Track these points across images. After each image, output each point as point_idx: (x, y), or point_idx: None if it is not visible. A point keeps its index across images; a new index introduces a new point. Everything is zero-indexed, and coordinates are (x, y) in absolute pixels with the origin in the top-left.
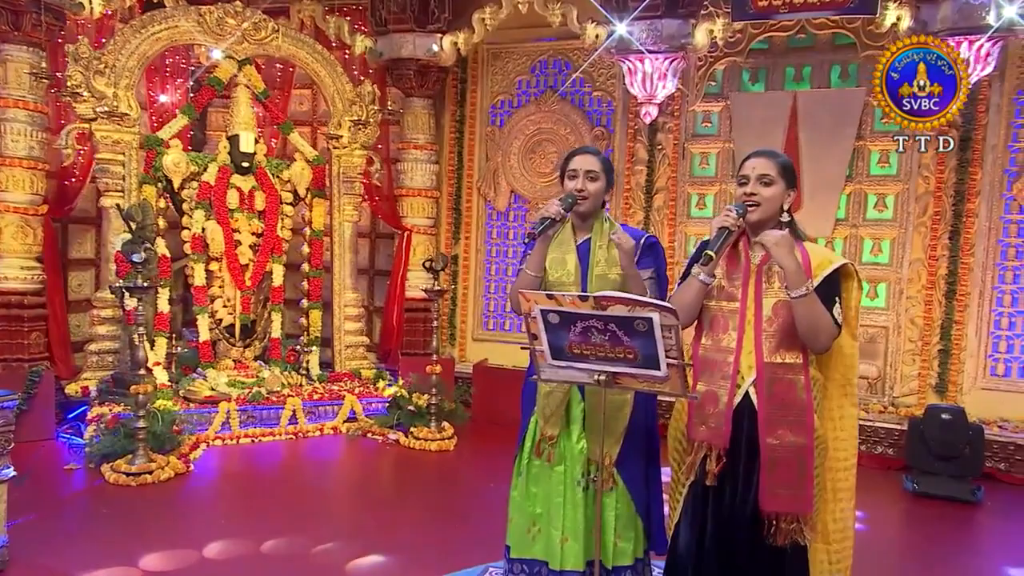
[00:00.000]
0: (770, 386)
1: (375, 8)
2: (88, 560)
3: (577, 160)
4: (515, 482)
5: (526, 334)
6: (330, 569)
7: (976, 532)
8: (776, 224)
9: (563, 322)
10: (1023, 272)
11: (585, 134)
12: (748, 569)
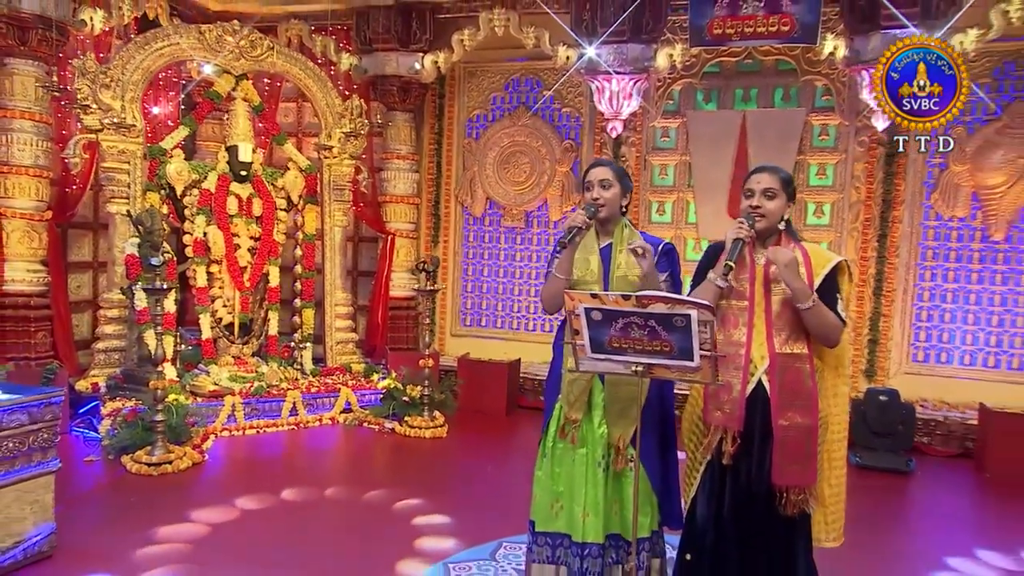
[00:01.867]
0: (782, 374)
1: (360, 28)
2: (131, 542)
3: (592, 172)
4: (540, 463)
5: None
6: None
7: (911, 497)
8: (781, 228)
9: (605, 319)
10: (939, 271)
11: (555, 147)
12: (762, 536)
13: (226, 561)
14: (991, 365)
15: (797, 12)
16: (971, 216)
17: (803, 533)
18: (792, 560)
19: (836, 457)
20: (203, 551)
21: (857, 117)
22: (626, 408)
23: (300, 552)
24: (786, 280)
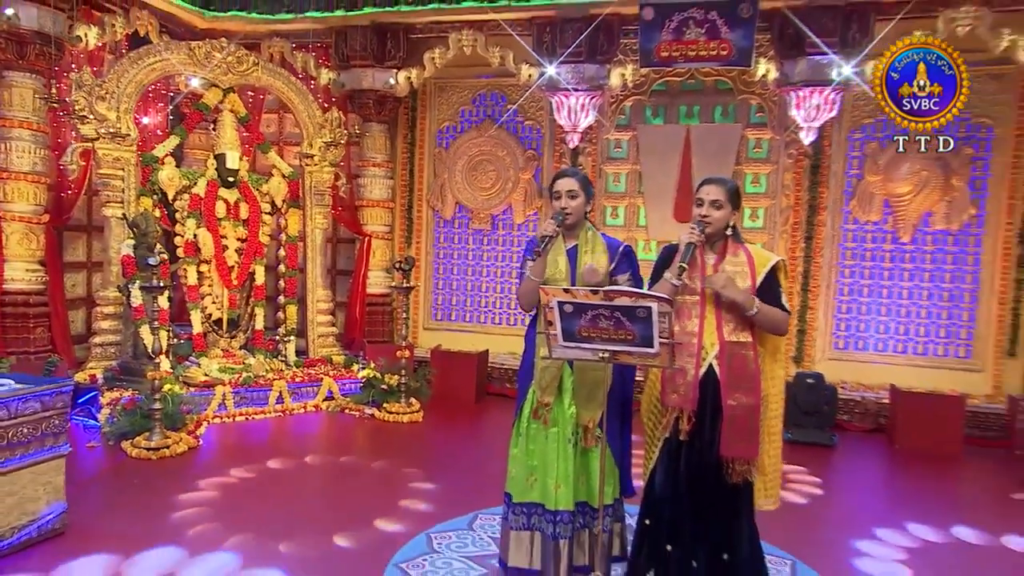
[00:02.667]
0: (730, 360)
1: (338, 46)
2: (137, 520)
3: (559, 183)
4: (515, 441)
5: (541, 323)
6: (341, 518)
7: (835, 467)
8: (725, 237)
9: (576, 311)
10: (857, 269)
11: (519, 156)
12: (712, 501)
13: (232, 521)
14: (900, 351)
15: (734, 38)
16: (883, 220)
17: (746, 498)
18: (737, 522)
19: (774, 432)
20: (210, 516)
21: (786, 132)
22: (593, 391)
23: (298, 508)
24: (729, 298)
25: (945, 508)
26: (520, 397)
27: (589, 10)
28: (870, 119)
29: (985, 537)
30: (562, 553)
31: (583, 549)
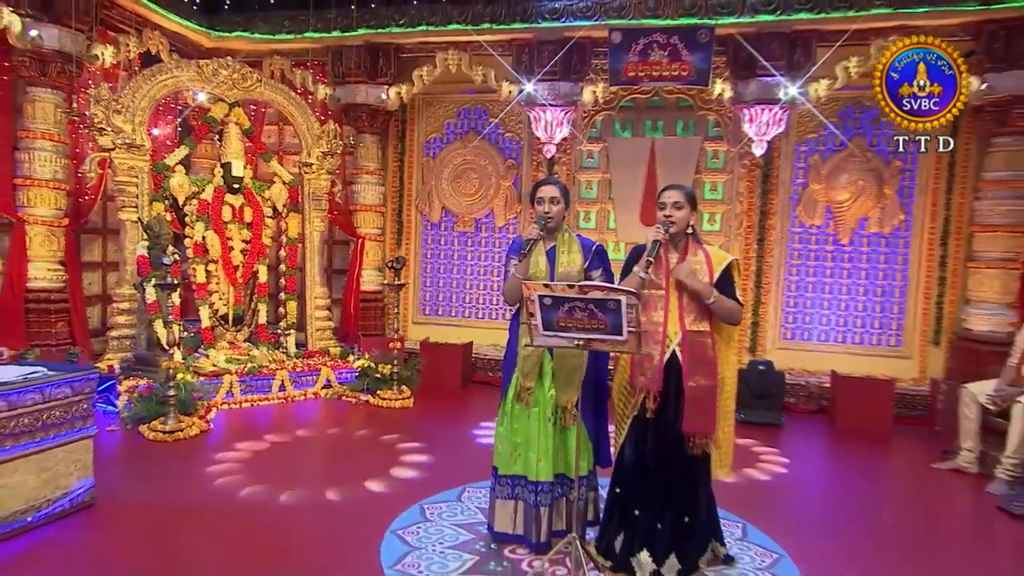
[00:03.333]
0: (691, 347)
1: (334, 64)
2: (159, 493)
3: (542, 190)
4: (501, 420)
5: (525, 315)
6: (344, 492)
7: (782, 443)
8: (686, 237)
9: (554, 304)
10: (803, 268)
11: (500, 165)
12: (675, 470)
13: (244, 486)
14: (840, 341)
15: (693, 60)
16: (825, 224)
17: (704, 468)
18: (696, 488)
19: (728, 410)
20: (223, 486)
21: (740, 145)
22: (570, 375)
23: (303, 474)
24: (691, 287)
25: (876, 478)
26: (505, 382)
27: (563, 33)
28: (813, 134)
29: (914, 523)
30: (542, 519)
31: (561, 515)
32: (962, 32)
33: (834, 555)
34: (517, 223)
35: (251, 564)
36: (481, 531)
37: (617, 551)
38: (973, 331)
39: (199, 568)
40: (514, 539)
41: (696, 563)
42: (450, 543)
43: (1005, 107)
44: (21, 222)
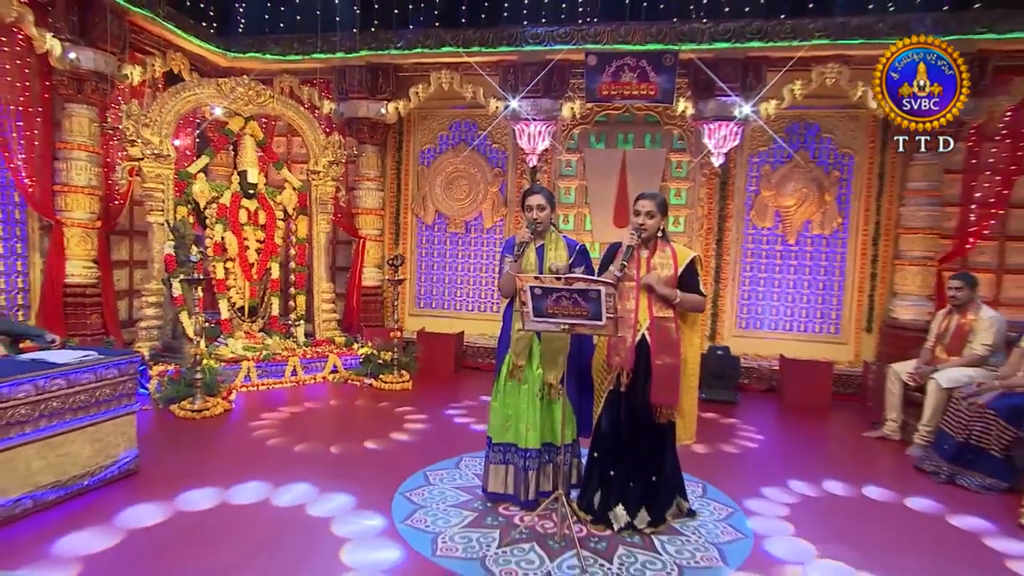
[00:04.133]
0: (657, 331)
1: (338, 81)
2: (193, 463)
3: (530, 198)
4: (495, 395)
5: (517, 304)
6: (348, 453)
7: (738, 415)
8: (656, 238)
9: (544, 294)
10: (755, 265)
11: (487, 173)
12: (644, 436)
13: (274, 453)
14: (787, 329)
15: (659, 82)
16: (775, 227)
17: (669, 435)
18: (663, 452)
19: (691, 385)
20: (251, 454)
21: (700, 156)
22: (555, 356)
23: (318, 438)
24: (659, 292)
25: (817, 445)
26: (499, 361)
27: (545, 56)
28: (764, 147)
29: (847, 482)
30: (530, 481)
31: (547, 477)
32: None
33: (779, 508)
34: (503, 225)
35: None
36: (477, 492)
37: (596, 507)
38: (899, 319)
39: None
40: (505, 498)
41: (663, 516)
42: (451, 502)
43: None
44: (60, 224)
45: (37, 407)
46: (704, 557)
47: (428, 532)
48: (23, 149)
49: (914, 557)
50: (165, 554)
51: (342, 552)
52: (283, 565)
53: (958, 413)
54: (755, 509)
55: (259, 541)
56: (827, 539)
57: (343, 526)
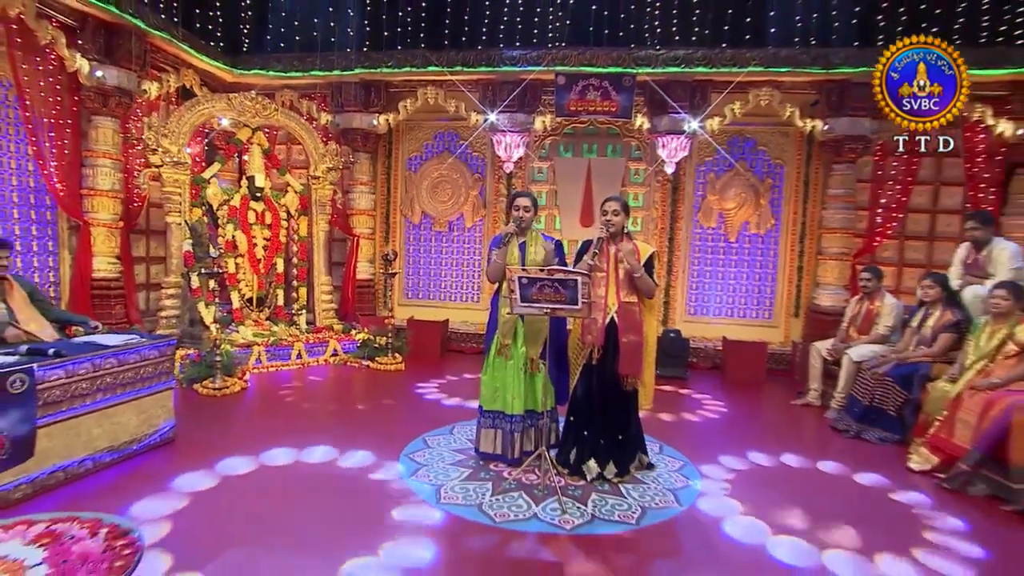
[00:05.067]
0: (624, 314)
1: (334, 95)
2: (222, 434)
3: (518, 200)
4: (485, 370)
5: (506, 292)
6: (353, 425)
7: (688, 388)
8: (622, 234)
9: (529, 283)
10: (702, 260)
11: (468, 178)
12: (613, 402)
13: (295, 416)
14: (729, 314)
15: (620, 99)
16: (718, 226)
17: (634, 401)
18: (628, 415)
19: (650, 360)
20: (270, 422)
21: (655, 165)
22: (536, 336)
23: (331, 404)
24: (629, 262)
25: (753, 412)
26: (487, 341)
27: (519, 75)
28: (710, 157)
29: (776, 443)
30: (516, 442)
31: (530, 439)
32: (810, 87)
33: (722, 460)
34: (483, 224)
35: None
36: (470, 453)
37: (572, 461)
38: (820, 305)
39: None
40: (495, 457)
41: (628, 468)
42: (449, 462)
43: (839, 143)
44: (87, 224)
45: (95, 382)
46: (661, 500)
47: (432, 485)
48: (54, 157)
49: (836, 508)
50: (244, 500)
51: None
52: (341, 501)
53: (864, 381)
54: (702, 462)
55: (307, 489)
56: (760, 484)
57: (367, 484)
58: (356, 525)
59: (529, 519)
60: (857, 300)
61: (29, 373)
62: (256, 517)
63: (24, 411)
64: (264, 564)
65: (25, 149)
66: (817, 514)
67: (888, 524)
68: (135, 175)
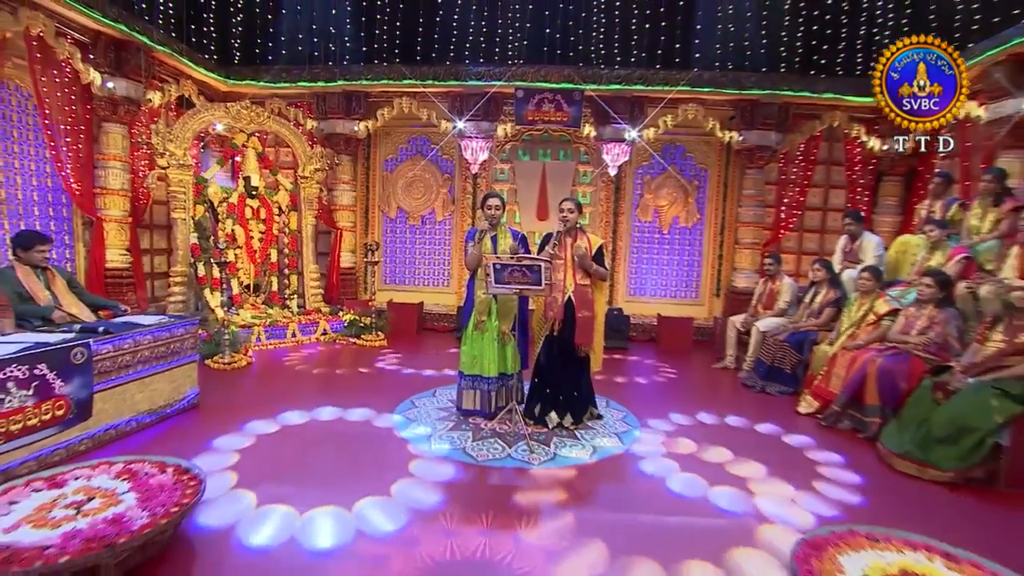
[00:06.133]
0: (579, 294)
1: (319, 104)
2: (234, 399)
3: (490, 200)
4: (465, 341)
5: (483, 277)
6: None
7: (630, 356)
8: (576, 228)
9: (502, 268)
10: (640, 249)
11: (439, 178)
12: (569, 366)
13: (300, 386)
14: (662, 295)
15: (570, 111)
16: (654, 221)
17: (586, 364)
18: (581, 376)
19: (600, 332)
20: (278, 389)
21: (600, 168)
22: (507, 312)
23: (330, 375)
24: (580, 258)
25: (682, 374)
26: (465, 318)
27: (484, 89)
28: (646, 161)
29: (700, 396)
30: (492, 399)
31: (502, 397)
32: (728, 105)
33: (655, 409)
34: (451, 219)
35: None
36: (452, 410)
37: (537, 414)
38: (737, 287)
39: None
40: (474, 413)
41: (582, 417)
42: (436, 417)
43: (751, 151)
44: (100, 220)
45: (136, 355)
46: (608, 441)
47: (424, 435)
48: (70, 160)
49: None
50: (272, 450)
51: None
52: (364, 448)
53: (768, 347)
54: (639, 411)
55: (330, 439)
56: (686, 427)
57: (371, 434)
58: (367, 466)
59: (504, 458)
60: (763, 282)
61: (87, 347)
62: (283, 462)
63: (84, 379)
64: (297, 494)
65: (43, 153)
66: (730, 449)
67: (781, 459)
68: (145, 175)
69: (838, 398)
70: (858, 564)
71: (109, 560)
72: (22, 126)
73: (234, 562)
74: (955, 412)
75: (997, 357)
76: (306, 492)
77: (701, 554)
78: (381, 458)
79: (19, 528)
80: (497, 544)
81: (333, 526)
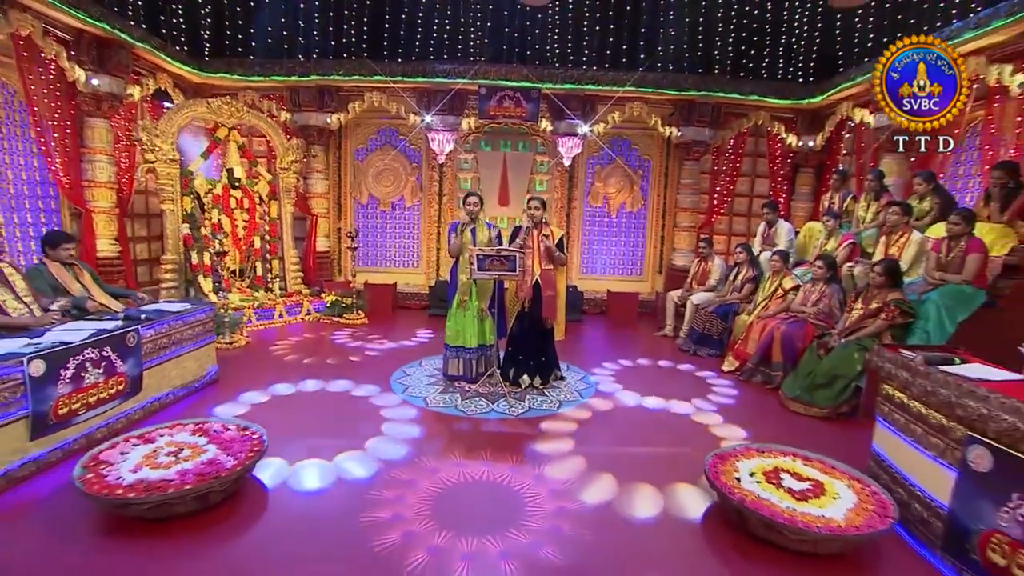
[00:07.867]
0: (544, 277)
1: (293, 97)
2: (247, 374)
3: (470, 198)
4: (449, 317)
5: (466, 266)
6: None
7: (583, 327)
8: (542, 221)
9: (484, 257)
10: (591, 232)
11: (407, 167)
12: (537, 336)
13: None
14: (612, 273)
15: (529, 107)
16: (603, 206)
17: (551, 334)
18: (547, 344)
19: (561, 307)
20: (281, 363)
21: (556, 159)
22: (486, 293)
23: (324, 349)
24: (548, 250)
25: (628, 341)
26: (449, 298)
27: (449, 85)
28: (597, 153)
29: (644, 357)
30: (473, 366)
31: (482, 364)
32: (668, 103)
33: (608, 371)
34: (419, 205)
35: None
36: (439, 376)
37: (511, 376)
38: (675, 265)
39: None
40: (459, 378)
41: (548, 378)
42: (426, 383)
43: (688, 145)
44: (89, 212)
45: (170, 338)
46: (570, 396)
47: (419, 397)
48: (58, 154)
49: (674, 387)
50: (279, 411)
51: (382, 412)
52: (359, 416)
53: (700, 317)
54: (596, 372)
55: (331, 405)
56: (631, 383)
57: (377, 400)
58: (368, 424)
59: (489, 412)
60: (697, 261)
61: (138, 332)
62: (308, 420)
63: (135, 359)
64: (316, 444)
65: (31, 147)
66: (661, 387)
67: (689, 386)
68: (128, 167)
69: (752, 357)
70: (748, 466)
71: (218, 488)
72: (10, 122)
73: (292, 503)
74: (831, 364)
75: (858, 321)
76: (333, 443)
77: (652, 445)
78: (388, 417)
79: (142, 469)
80: (495, 471)
81: (365, 463)
